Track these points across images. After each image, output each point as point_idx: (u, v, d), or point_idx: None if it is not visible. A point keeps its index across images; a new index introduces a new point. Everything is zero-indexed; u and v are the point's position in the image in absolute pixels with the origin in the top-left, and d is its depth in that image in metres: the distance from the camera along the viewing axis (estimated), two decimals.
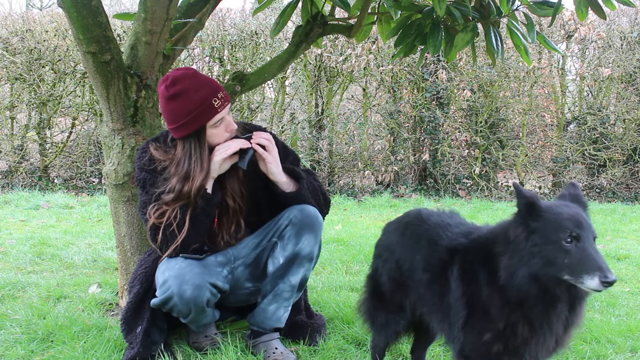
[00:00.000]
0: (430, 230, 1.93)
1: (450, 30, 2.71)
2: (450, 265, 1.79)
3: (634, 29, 7.82)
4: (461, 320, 1.73)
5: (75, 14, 2.44)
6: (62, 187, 7.54)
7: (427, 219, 1.97)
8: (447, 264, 1.81)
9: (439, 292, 1.82)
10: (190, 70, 2.28)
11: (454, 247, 1.82)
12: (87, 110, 7.82)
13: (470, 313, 1.72)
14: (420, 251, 1.91)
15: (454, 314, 1.75)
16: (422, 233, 1.94)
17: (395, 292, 2.02)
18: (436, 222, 1.94)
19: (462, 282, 1.74)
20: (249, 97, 7.89)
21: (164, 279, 2.25)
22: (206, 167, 2.24)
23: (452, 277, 1.77)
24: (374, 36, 7.04)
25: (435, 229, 1.91)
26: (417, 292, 1.93)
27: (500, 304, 1.65)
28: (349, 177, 8.10)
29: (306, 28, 2.97)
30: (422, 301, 1.91)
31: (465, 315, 1.72)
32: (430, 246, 1.89)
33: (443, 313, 1.81)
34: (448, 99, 7.69)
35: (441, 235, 1.89)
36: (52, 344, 2.46)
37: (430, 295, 1.86)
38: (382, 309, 2.08)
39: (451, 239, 1.86)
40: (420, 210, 2.05)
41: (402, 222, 2.06)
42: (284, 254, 2.37)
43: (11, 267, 3.77)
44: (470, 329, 1.71)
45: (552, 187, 8.03)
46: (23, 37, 7.60)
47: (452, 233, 1.88)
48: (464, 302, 1.73)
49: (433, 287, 1.84)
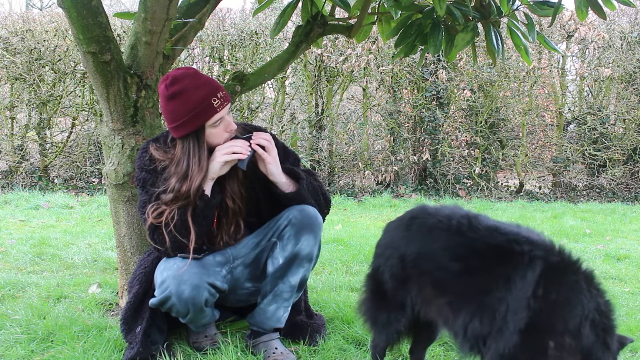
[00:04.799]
0: (445, 221, 1.90)
1: (450, 30, 2.71)
2: (518, 262, 1.74)
3: (634, 29, 7.82)
4: (523, 321, 1.68)
5: (75, 14, 2.43)
6: (62, 187, 7.54)
7: (436, 212, 1.96)
8: (510, 260, 1.76)
9: (481, 285, 1.78)
10: (191, 69, 2.27)
11: (524, 244, 1.78)
12: (87, 110, 7.82)
13: (535, 317, 1.68)
14: (437, 241, 1.88)
15: (511, 312, 1.70)
16: (435, 224, 1.91)
17: (397, 289, 2.00)
18: (448, 214, 1.92)
19: (538, 284, 1.70)
20: (249, 97, 7.89)
21: (162, 278, 2.25)
22: (205, 167, 2.24)
23: (519, 275, 1.72)
24: (374, 36, 7.04)
25: (457, 219, 1.88)
26: (431, 282, 1.88)
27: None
28: (349, 177, 8.09)
29: (306, 28, 2.97)
30: (441, 291, 1.86)
31: (528, 318, 1.68)
32: (456, 236, 1.85)
33: (482, 307, 1.76)
34: (448, 99, 7.69)
35: (473, 226, 1.85)
36: (52, 344, 2.45)
37: (463, 286, 1.82)
38: (384, 307, 2.06)
39: (510, 234, 1.81)
40: (424, 205, 2.05)
41: (405, 218, 2.05)
42: (284, 254, 2.37)
43: (11, 267, 3.77)
44: (532, 333, 1.68)
45: (552, 187, 8.03)
46: (23, 37, 7.59)
47: (501, 228, 1.85)
48: (530, 304, 1.69)
49: (468, 278, 1.81)
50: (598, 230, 5.37)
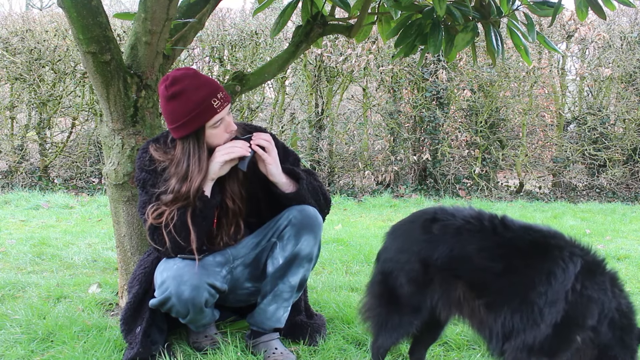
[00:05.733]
0: (476, 222, 1.89)
1: (450, 30, 2.71)
2: (557, 256, 1.79)
3: (634, 29, 7.82)
4: (560, 314, 1.73)
5: (75, 14, 2.43)
6: (62, 187, 7.54)
7: (457, 213, 1.94)
8: (549, 255, 1.80)
9: (523, 282, 1.80)
10: (191, 70, 2.27)
11: (559, 239, 1.84)
12: (87, 110, 7.82)
13: (570, 310, 1.73)
14: (471, 242, 1.87)
15: (548, 304, 1.75)
16: (464, 226, 1.90)
17: (415, 293, 1.95)
18: (474, 215, 1.92)
19: (577, 278, 1.75)
20: (249, 97, 7.89)
21: (162, 279, 2.25)
22: (204, 168, 2.24)
23: (560, 268, 1.77)
24: (374, 36, 7.04)
25: (488, 220, 1.89)
26: (466, 284, 1.88)
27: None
28: (349, 177, 8.10)
29: (306, 28, 2.97)
30: (479, 292, 1.86)
31: (564, 311, 1.73)
32: (493, 237, 1.86)
33: (524, 304, 1.79)
34: (448, 99, 7.69)
35: (508, 226, 1.87)
36: (52, 344, 2.46)
37: (504, 286, 1.83)
38: (395, 311, 2.01)
39: (543, 231, 1.86)
40: (441, 206, 2.03)
41: (418, 221, 2.01)
42: (284, 254, 2.37)
43: (11, 267, 3.77)
44: (564, 326, 1.72)
45: (552, 187, 8.03)
46: (23, 37, 7.60)
47: (533, 226, 1.89)
48: (568, 297, 1.74)
49: (511, 277, 1.82)
50: (598, 230, 5.37)
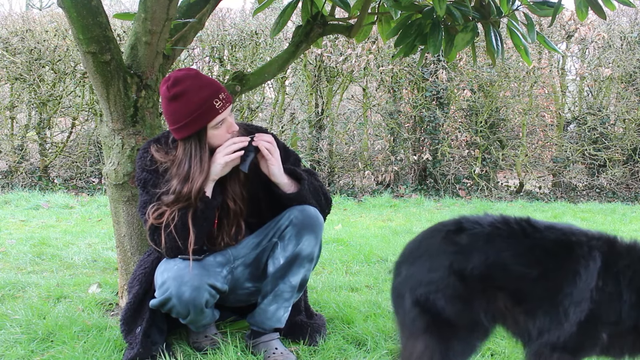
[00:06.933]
0: (504, 227, 1.84)
1: (450, 30, 2.71)
2: (579, 254, 1.77)
3: (634, 29, 7.82)
4: (584, 313, 1.71)
5: (75, 14, 2.43)
6: (62, 187, 7.54)
7: (482, 220, 1.85)
8: (572, 253, 1.78)
9: (554, 284, 1.77)
10: (193, 71, 2.27)
11: (579, 235, 1.81)
12: (87, 110, 7.82)
13: (595, 309, 1.71)
14: (504, 249, 1.79)
15: (573, 304, 1.73)
16: (494, 232, 1.81)
17: (463, 311, 1.79)
18: (500, 220, 1.86)
19: (599, 275, 1.73)
20: (249, 97, 7.90)
21: (163, 280, 2.25)
22: (206, 169, 2.24)
23: (583, 266, 1.74)
24: (374, 36, 7.04)
25: (516, 223, 1.85)
26: (507, 293, 1.80)
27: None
28: (349, 177, 8.10)
29: (306, 28, 2.97)
30: (519, 300, 1.81)
31: (589, 310, 1.71)
32: (525, 240, 1.81)
33: (553, 305, 1.76)
34: (448, 99, 7.69)
35: (536, 228, 1.83)
36: (52, 344, 2.45)
37: (540, 290, 1.79)
38: (453, 338, 1.80)
39: (564, 228, 1.84)
40: (463, 216, 1.89)
41: (440, 234, 1.86)
42: (285, 254, 2.36)
43: (11, 267, 3.77)
44: (590, 324, 1.71)
45: (552, 187, 8.04)
46: (23, 37, 7.60)
47: (554, 224, 1.86)
48: (592, 295, 1.72)
49: (545, 281, 1.79)
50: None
